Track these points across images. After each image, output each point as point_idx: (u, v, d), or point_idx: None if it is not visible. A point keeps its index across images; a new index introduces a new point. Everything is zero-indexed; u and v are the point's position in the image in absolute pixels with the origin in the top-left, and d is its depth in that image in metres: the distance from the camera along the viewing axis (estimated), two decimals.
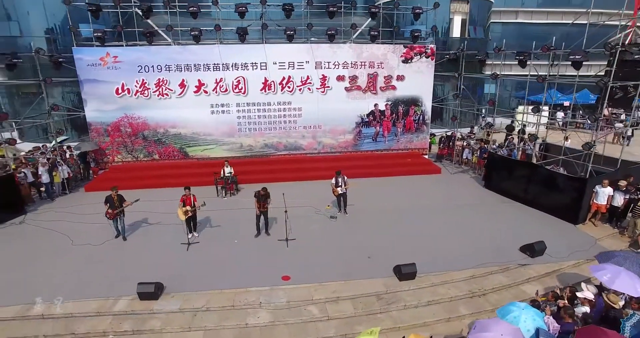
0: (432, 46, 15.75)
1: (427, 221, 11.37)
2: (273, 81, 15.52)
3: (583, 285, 6.69)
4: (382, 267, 8.59)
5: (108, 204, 9.93)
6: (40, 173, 12.95)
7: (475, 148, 15.99)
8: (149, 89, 14.77)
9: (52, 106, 13.41)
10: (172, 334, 6.90)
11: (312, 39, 15.59)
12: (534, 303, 6.02)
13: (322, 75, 15.69)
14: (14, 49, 15.56)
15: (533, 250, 9.02)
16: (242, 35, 14.68)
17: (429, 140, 19.22)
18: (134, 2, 14.35)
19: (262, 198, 10.16)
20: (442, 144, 17.90)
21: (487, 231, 10.58)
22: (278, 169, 15.80)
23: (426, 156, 17.44)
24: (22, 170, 12.84)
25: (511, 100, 29.71)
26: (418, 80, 16.15)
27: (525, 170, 12.58)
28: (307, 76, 15.64)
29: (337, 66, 15.64)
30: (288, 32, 14.76)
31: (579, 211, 11.03)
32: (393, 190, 14.20)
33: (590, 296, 6.22)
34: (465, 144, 16.81)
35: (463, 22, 22.88)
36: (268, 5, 14.67)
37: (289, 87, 15.70)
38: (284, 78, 15.54)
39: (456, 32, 22.93)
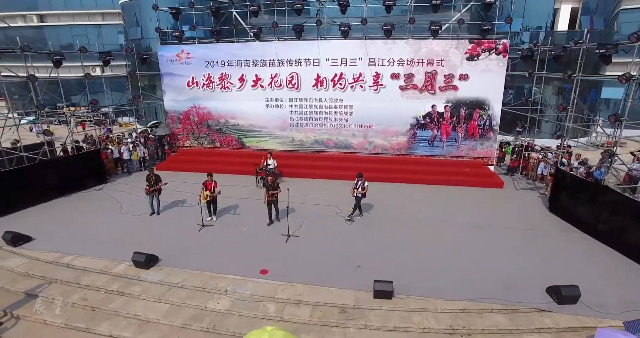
0: (504, 40, 13.50)
1: (452, 238, 10.00)
2: (325, 78, 15.50)
3: None
4: (365, 279, 7.87)
5: (147, 182, 11.44)
6: (122, 151, 15.60)
7: (551, 162, 13.26)
8: (214, 82, 16.37)
9: (134, 95, 15.98)
10: (145, 301, 7.65)
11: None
12: None
13: (376, 72, 15.00)
14: (139, 50, 19.06)
15: (559, 293, 7.15)
16: (297, 32, 15.02)
17: (503, 149, 16.79)
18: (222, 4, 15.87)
19: (270, 187, 10.39)
20: (514, 155, 15.34)
21: (519, 261, 8.79)
22: (323, 166, 15.86)
23: (492, 168, 15.18)
24: (110, 147, 15.66)
25: None
26: (485, 80, 14.09)
27: (599, 194, 9.94)
28: (360, 73, 15.16)
29: (391, 63, 14.74)
30: (342, 28, 14.53)
31: None
32: (436, 200, 12.88)
33: None
34: (541, 157, 14.08)
35: (574, 12, 19.01)
36: (324, 1, 14.65)
37: (340, 84, 15.48)
38: (335, 75, 15.38)
39: (563, 25, 19.20)
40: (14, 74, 13.31)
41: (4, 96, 15.07)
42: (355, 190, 10.96)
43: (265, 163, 14.22)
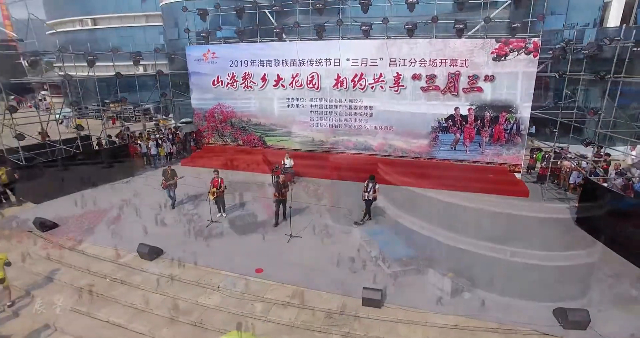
0: (535, 39, 12.52)
1: (458, 247, 9.46)
2: (345, 78, 15.30)
3: None
4: (358, 285, 7.70)
5: (164, 177, 11.95)
6: (149, 146, 16.43)
7: (584, 171, 12.15)
8: (237, 81, 16.75)
9: (161, 93, 16.77)
10: (143, 291, 8.00)
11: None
12: None
13: (396, 73, 14.56)
14: (177, 49, 20.03)
15: (565, 317, 6.54)
16: (319, 32, 14.96)
17: (534, 156, 15.68)
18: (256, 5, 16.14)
19: (281, 187, 10.48)
20: (544, 162, 14.26)
21: (527, 277, 8.16)
22: (341, 167, 15.66)
23: (519, 175, 14.21)
24: (139, 142, 16.56)
25: None
26: (513, 81, 13.16)
27: (629, 208, 8.96)
28: (380, 74, 14.79)
29: (413, 64, 14.22)
30: (363, 28, 14.28)
31: None
32: (451, 207, 12.23)
33: None
34: (573, 165, 12.96)
35: (629, 5, 17.30)
36: (346, 0, 14.48)
37: (360, 84, 15.21)
38: (356, 75, 15.12)
39: (614, 21, 17.54)
40: (56, 73, 14.49)
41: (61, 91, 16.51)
42: (366, 194, 10.72)
43: (282, 162, 14.37)
